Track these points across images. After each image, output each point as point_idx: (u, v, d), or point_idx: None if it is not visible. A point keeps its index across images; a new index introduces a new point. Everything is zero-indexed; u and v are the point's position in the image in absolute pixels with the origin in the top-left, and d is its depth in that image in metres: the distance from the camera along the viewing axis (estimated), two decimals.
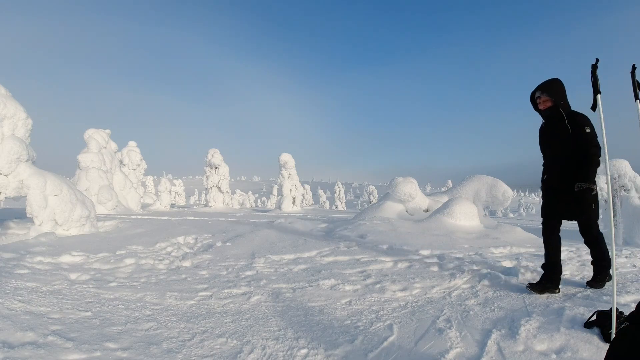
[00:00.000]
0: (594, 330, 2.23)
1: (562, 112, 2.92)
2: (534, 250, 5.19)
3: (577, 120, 2.87)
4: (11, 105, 6.16)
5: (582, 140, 2.83)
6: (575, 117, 2.90)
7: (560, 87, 2.97)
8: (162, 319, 2.58)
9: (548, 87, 2.98)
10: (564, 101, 2.94)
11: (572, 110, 2.96)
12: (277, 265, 4.26)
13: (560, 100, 2.93)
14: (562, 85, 2.98)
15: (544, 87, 2.99)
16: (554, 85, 2.96)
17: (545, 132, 3.12)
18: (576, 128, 2.86)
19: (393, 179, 8.71)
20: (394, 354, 2.09)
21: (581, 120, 2.87)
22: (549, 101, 2.97)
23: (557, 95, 2.94)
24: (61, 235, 6.15)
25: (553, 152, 3.09)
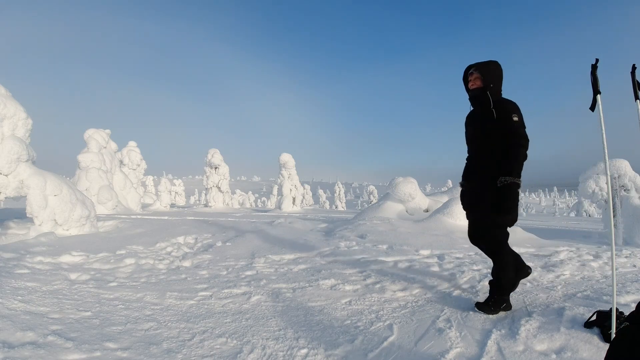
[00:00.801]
0: (594, 330, 2.23)
1: (489, 95, 2.63)
2: (534, 250, 5.19)
3: (504, 106, 2.59)
4: (11, 105, 6.16)
5: (508, 129, 2.54)
6: (503, 103, 2.62)
7: (496, 70, 2.69)
8: (162, 319, 2.58)
9: (483, 65, 2.69)
10: (494, 85, 2.65)
11: (501, 97, 2.69)
12: (277, 265, 4.26)
13: (491, 83, 2.64)
14: (500, 70, 2.71)
15: (478, 65, 2.70)
16: (490, 66, 2.68)
17: (470, 117, 2.83)
18: (502, 114, 2.56)
19: (393, 179, 8.71)
20: (394, 354, 2.09)
21: (508, 106, 2.59)
22: (479, 80, 2.68)
23: (489, 76, 2.65)
24: (61, 235, 6.15)
25: (476, 138, 2.76)
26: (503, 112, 2.56)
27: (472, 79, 2.71)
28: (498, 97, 2.66)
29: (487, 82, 2.64)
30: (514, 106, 2.59)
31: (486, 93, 2.64)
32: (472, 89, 2.71)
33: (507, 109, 2.56)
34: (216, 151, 22.76)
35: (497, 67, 2.70)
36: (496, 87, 2.66)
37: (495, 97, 2.65)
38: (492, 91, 2.64)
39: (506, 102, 2.61)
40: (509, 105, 2.59)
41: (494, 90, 2.65)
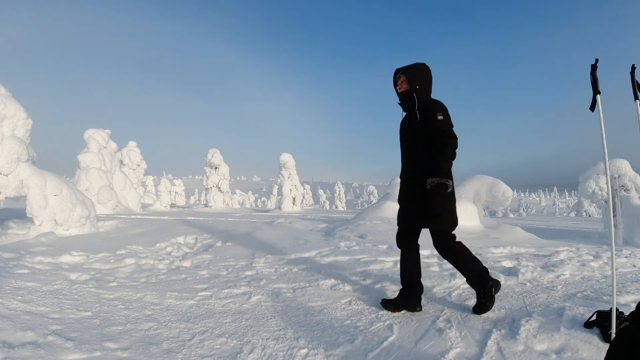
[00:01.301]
0: (594, 330, 2.23)
1: (416, 97, 2.61)
2: (534, 250, 5.19)
3: (429, 106, 2.56)
4: (11, 105, 6.16)
5: (434, 129, 2.50)
6: (428, 103, 2.59)
7: (423, 72, 2.66)
8: (162, 319, 2.58)
9: (409, 68, 2.66)
10: (421, 87, 2.63)
11: (429, 98, 2.66)
12: (277, 265, 4.26)
13: (417, 85, 2.62)
14: (426, 71, 2.68)
15: (404, 68, 2.68)
16: (416, 69, 2.66)
17: (402, 121, 2.79)
18: (427, 115, 2.54)
19: (393, 179, 8.71)
20: (394, 354, 2.09)
21: (434, 106, 2.56)
22: (405, 83, 2.65)
23: (415, 78, 2.63)
24: (61, 235, 6.15)
25: (406, 142, 2.73)
26: (428, 113, 2.54)
27: (399, 82, 2.69)
28: (426, 99, 2.63)
29: (414, 84, 2.63)
30: (439, 105, 2.57)
31: (412, 95, 2.62)
32: (400, 92, 2.69)
33: (431, 109, 2.54)
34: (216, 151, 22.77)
35: (423, 68, 2.68)
36: (423, 89, 2.64)
37: (423, 99, 2.63)
38: (419, 93, 2.62)
39: (431, 103, 2.59)
40: (434, 105, 2.57)
41: (421, 92, 2.63)
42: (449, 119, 2.55)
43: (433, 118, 2.50)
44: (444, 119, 2.50)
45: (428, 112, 2.54)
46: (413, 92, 2.62)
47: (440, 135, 2.48)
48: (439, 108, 2.54)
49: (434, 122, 2.49)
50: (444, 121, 2.50)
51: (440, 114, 2.50)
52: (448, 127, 2.51)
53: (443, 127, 2.48)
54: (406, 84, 2.65)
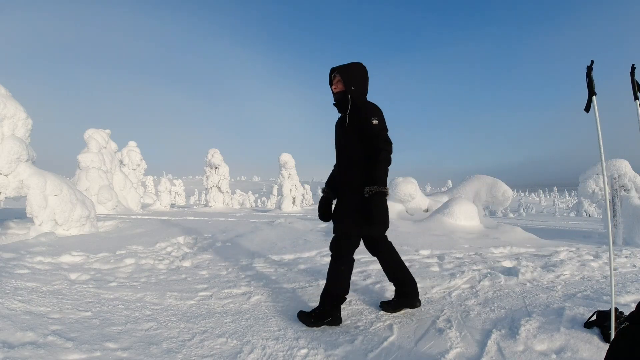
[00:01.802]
0: (594, 330, 2.23)
1: (350, 98, 2.49)
2: (534, 250, 5.20)
3: (364, 110, 2.45)
4: (11, 105, 6.16)
5: (368, 133, 2.40)
6: (364, 106, 2.48)
7: (358, 72, 2.54)
8: (162, 319, 2.58)
9: (344, 68, 2.52)
10: (356, 88, 2.50)
11: (365, 100, 2.54)
12: (277, 265, 4.26)
13: (352, 86, 2.49)
14: (362, 71, 2.55)
15: (340, 67, 2.53)
16: (351, 69, 2.53)
17: (336, 123, 2.66)
18: (362, 118, 2.43)
19: (393, 179, 8.71)
20: (394, 354, 2.09)
21: (369, 109, 2.45)
22: (340, 83, 2.52)
23: (350, 79, 2.50)
24: (61, 235, 6.15)
25: (339, 145, 2.60)
26: (362, 116, 2.43)
27: (335, 82, 2.56)
28: (361, 100, 2.53)
29: (349, 85, 2.50)
30: (375, 109, 2.47)
31: (347, 97, 2.51)
32: (335, 93, 2.57)
33: (366, 113, 2.43)
34: (216, 151, 22.77)
35: (359, 68, 2.55)
36: (358, 90, 2.52)
37: (358, 100, 2.51)
38: (354, 94, 2.51)
39: (367, 106, 2.49)
40: (369, 108, 2.46)
41: (356, 94, 2.51)
42: (384, 123, 2.46)
43: (368, 122, 2.40)
44: (379, 124, 2.41)
45: (362, 115, 2.43)
46: (348, 94, 2.50)
47: (375, 141, 2.38)
48: (374, 112, 2.44)
49: (369, 127, 2.39)
50: (378, 126, 2.40)
51: (376, 118, 2.40)
52: (383, 132, 2.42)
53: (378, 132, 2.39)
54: (341, 84, 2.52)
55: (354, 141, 2.48)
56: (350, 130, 2.49)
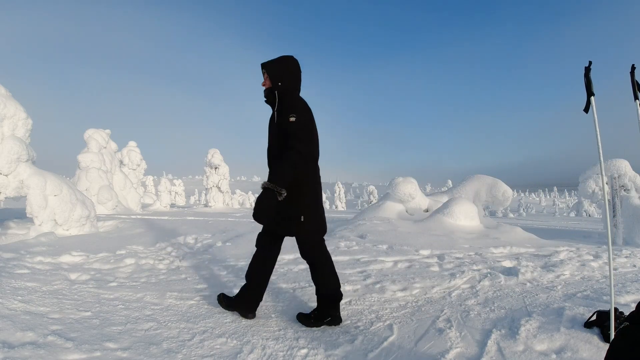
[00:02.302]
0: (594, 330, 2.23)
1: (277, 95, 2.43)
2: (534, 250, 5.20)
3: (287, 105, 2.37)
4: (11, 105, 6.16)
5: (285, 130, 2.32)
6: (288, 102, 2.39)
7: (286, 66, 2.44)
8: (162, 319, 2.58)
9: (270, 63, 2.44)
10: (283, 83, 2.42)
11: (293, 96, 2.45)
12: (277, 265, 4.25)
13: (279, 82, 2.42)
14: (291, 67, 2.46)
15: (267, 63, 2.46)
16: (278, 64, 2.44)
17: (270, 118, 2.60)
18: (283, 114, 2.35)
19: (393, 179, 8.71)
20: (394, 354, 2.09)
21: (291, 106, 2.35)
22: (268, 80, 2.46)
23: (276, 75, 2.42)
24: (61, 235, 6.15)
25: (268, 141, 2.54)
26: (284, 113, 2.35)
27: (264, 78, 2.50)
28: (289, 96, 2.44)
29: (275, 81, 2.42)
30: (297, 106, 2.38)
31: (274, 93, 2.44)
32: (265, 89, 2.51)
33: (286, 109, 2.35)
34: (216, 151, 22.76)
35: (287, 63, 2.45)
36: (286, 85, 2.44)
37: (286, 96, 2.43)
38: (281, 90, 2.43)
39: (291, 102, 2.40)
40: (291, 105, 2.37)
41: (284, 89, 2.43)
42: (304, 121, 2.35)
43: (286, 119, 2.32)
44: (296, 121, 2.30)
45: (284, 111, 2.36)
46: (275, 90, 2.43)
47: (289, 139, 2.29)
48: (295, 109, 2.35)
49: (286, 124, 2.31)
50: (295, 123, 2.29)
51: (294, 115, 2.30)
52: (299, 131, 2.30)
53: (293, 129, 2.29)
54: (269, 81, 2.45)
55: (277, 138, 2.42)
56: (275, 127, 2.43)
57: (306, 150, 2.33)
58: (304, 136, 2.32)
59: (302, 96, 2.53)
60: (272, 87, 2.44)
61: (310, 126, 2.44)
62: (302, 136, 2.30)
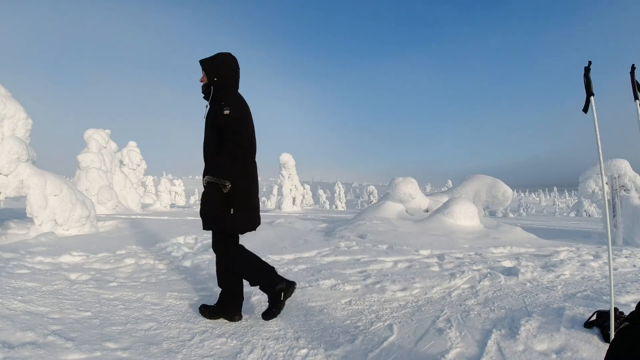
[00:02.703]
0: (594, 330, 2.23)
1: (212, 90, 2.46)
2: (534, 250, 5.20)
3: (220, 100, 2.37)
4: (11, 105, 6.16)
5: (220, 124, 2.33)
6: (224, 97, 2.40)
7: (222, 63, 2.48)
8: (162, 319, 2.58)
9: (207, 60, 2.49)
10: (218, 79, 2.45)
11: (229, 92, 2.46)
12: (277, 265, 4.26)
13: (214, 77, 2.45)
14: (227, 63, 2.49)
15: (204, 59, 2.50)
16: (214, 60, 2.47)
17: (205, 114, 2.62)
18: (217, 108, 2.36)
19: (393, 179, 8.71)
20: (394, 354, 2.09)
21: (226, 100, 2.37)
22: (205, 76, 2.49)
23: (212, 71, 2.45)
24: (61, 235, 6.15)
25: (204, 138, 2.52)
26: (218, 107, 2.36)
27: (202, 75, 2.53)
28: (224, 92, 2.45)
29: (211, 76, 2.46)
30: (233, 100, 2.40)
31: (210, 88, 2.47)
32: (202, 85, 2.53)
33: (221, 102, 2.36)
34: None
35: (223, 60, 2.49)
36: (222, 81, 2.47)
37: (221, 91, 2.45)
38: (217, 86, 2.46)
39: (227, 97, 2.40)
40: (227, 100, 2.38)
41: (220, 85, 2.46)
42: (239, 115, 2.37)
43: (220, 113, 2.33)
44: (231, 114, 2.32)
45: (219, 106, 2.36)
46: (210, 85, 2.47)
47: (225, 132, 2.31)
48: (230, 102, 2.36)
49: (221, 117, 2.33)
50: (229, 116, 2.31)
51: (228, 108, 2.32)
52: (233, 123, 2.32)
53: (227, 122, 2.31)
54: (205, 78, 2.50)
55: (210, 133, 2.43)
56: (208, 121, 2.44)
57: (244, 142, 2.36)
58: (239, 129, 2.35)
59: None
60: (209, 83, 2.48)
61: (246, 121, 2.45)
62: (236, 128, 2.33)
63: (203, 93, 2.54)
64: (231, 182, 2.32)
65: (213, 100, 2.45)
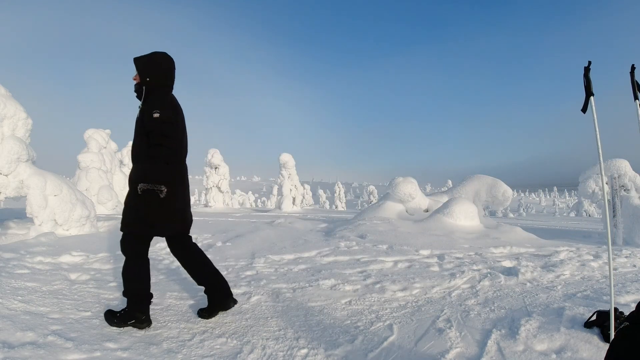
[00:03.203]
0: (594, 330, 2.23)
1: (144, 90, 2.40)
2: (534, 250, 5.20)
3: (151, 102, 2.31)
4: (11, 105, 6.16)
5: (149, 127, 2.27)
6: (154, 98, 2.34)
7: (155, 63, 2.41)
8: (162, 319, 2.58)
9: (140, 59, 2.42)
10: (151, 79, 2.39)
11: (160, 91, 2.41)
12: (277, 265, 4.26)
13: (147, 77, 2.38)
14: (160, 62, 2.43)
15: (137, 58, 2.43)
16: (147, 59, 2.41)
17: None
18: (147, 111, 2.29)
19: (393, 179, 8.71)
20: (394, 354, 2.09)
21: (157, 102, 2.31)
22: (137, 76, 2.43)
23: (144, 70, 2.39)
24: (61, 235, 6.15)
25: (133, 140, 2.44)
26: (147, 109, 2.30)
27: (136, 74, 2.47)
28: (156, 92, 2.40)
29: (143, 76, 2.40)
30: (163, 102, 2.33)
31: (142, 88, 2.41)
32: (135, 84, 2.47)
33: (151, 106, 2.30)
34: (216, 151, 22.75)
35: (157, 59, 2.43)
36: (154, 81, 2.40)
37: (153, 91, 2.40)
38: (149, 86, 2.40)
39: (157, 98, 2.35)
40: (158, 101, 2.33)
41: (152, 86, 2.40)
42: (169, 118, 2.30)
43: (149, 116, 2.26)
44: (161, 117, 2.25)
45: (148, 108, 2.30)
46: (143, 85, 2.41)
47: (153, 135, 2.26)
48: (160, 105, 2.30)
49: (150, 120, 2.26)
50: (159, 119, 2.24)
51: (158, 111, 2.25)
52: (164, 126, 2.26)
53: (156, 125, 2.25)
54: (138, 77, 2.44)
55: (140, 135, 2.37)
56: (139, 122, 2.39)
57: (173, 145, 2.31)
58: (169, 132, 2.29)
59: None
60: (141, 82, 2.42)
61: (177, 124, 2.39)
62: (167, 132, 2.28)
63: (135, 92, 2.47)
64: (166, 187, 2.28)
65: (145, 101, 2.39)
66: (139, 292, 2.41)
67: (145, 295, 2.44)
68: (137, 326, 2.37)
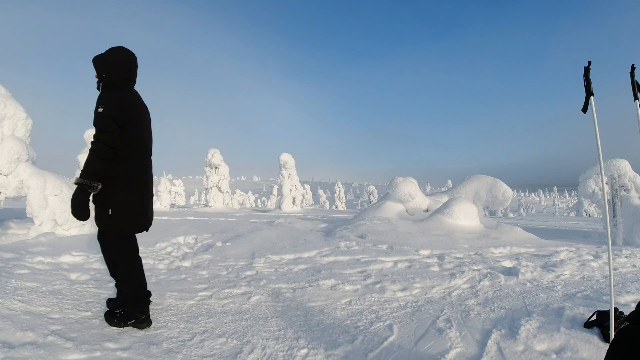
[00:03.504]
0: (594, 330, 2.23)
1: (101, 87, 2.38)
2: (534, 250, 5.20)
3: (100, 96, 2.30)
4: (11, 105, 6.16)
5: (93, 122, 2.26)
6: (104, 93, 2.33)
7: (111, 58, 2.39)
8: (162, 319, 2.58)
9: (97, 56, 2.40)
10: (107, 76, 2.37)
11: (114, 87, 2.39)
12: (277, 265, 4.26)
13: (103, 74, 2.37)
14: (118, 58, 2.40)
15: (97, 56, 2.41)
16: (103, 56, 2.39)
17: None
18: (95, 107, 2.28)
19: (393, 179, 8.71)
20: (394, 354, 2.09)
21: (103, 97, 2.28)
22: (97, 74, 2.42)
23: (100, 67, 2.38)
24: (61, 235, 6.15)
25: None
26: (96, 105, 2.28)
27: None
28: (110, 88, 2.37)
29: (100, 73, 2.39)
30: (109, 98, 2.29)
31: (99, 85, 2.40)
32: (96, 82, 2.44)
33: (98, 101, 2.28)
34: (216, 151, 22.75)
35: (113, 55, 2.40)
36: (110, 77, 2.38)
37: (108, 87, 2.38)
38: (106, 83, 2.38)
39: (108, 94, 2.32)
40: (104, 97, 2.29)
41: (109, 81, 2.38)
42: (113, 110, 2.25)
43: (95, 111, 2.25)
44: (103, 113, 2.22)
45: (96, 103, 2.29)
46: (100, 82, 2.40)
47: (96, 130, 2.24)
48: (107, 100, 2.27)
49: (94, 115, 2.26)
50: (101, 114, 2.22)
51: (102, 106, 2.23)
52: (103, 122, 2.22)
53: (97, 121, 2.23)
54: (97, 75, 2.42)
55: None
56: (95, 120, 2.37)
57: (112, 142, 2.25)
58: (108, 127, 2.24)
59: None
60: (98, 80, 2.41)
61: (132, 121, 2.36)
62: (106, 127, 2.23)
63: (97, 89, 2.45)
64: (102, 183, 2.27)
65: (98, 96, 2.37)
66: (136, 293, 2.43)
67: (144, 294, 2.46)
68: (137, 326, 2.39)
